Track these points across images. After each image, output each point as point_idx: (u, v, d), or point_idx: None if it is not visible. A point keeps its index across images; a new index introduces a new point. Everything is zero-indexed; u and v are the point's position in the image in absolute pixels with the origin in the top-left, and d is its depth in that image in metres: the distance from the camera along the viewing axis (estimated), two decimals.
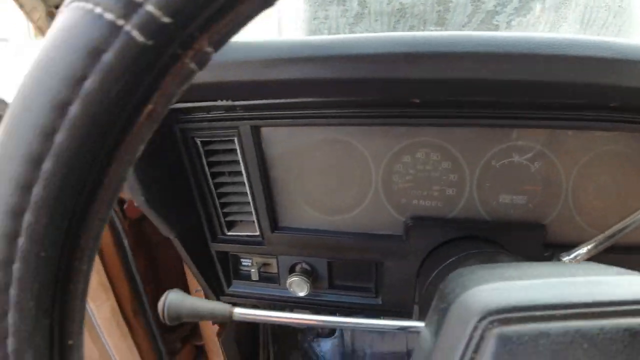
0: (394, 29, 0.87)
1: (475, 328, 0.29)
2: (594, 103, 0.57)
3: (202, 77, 0.55)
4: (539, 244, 0.69)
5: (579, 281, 0.31)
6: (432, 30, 0.82)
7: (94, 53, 0.19)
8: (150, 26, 0.19)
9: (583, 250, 0.58)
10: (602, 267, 0.36)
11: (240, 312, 0.59)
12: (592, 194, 0.67)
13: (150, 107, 0.21)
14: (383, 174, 0.71)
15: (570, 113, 0.60)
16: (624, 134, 0.63)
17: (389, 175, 0.71)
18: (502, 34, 0.53)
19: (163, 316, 0.58)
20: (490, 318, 0.28)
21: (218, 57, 0.54)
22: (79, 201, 0.21)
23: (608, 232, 0.57)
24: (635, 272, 0.34)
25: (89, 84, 0.19)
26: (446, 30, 0.84)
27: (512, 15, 0.79)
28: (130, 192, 0.68)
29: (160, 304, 0.58)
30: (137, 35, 0.19)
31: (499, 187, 0.69)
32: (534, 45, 0.50)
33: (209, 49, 0.21)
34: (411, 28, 0.84)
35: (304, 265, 0.83)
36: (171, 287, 0.62)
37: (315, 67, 0.54)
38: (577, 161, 0.66)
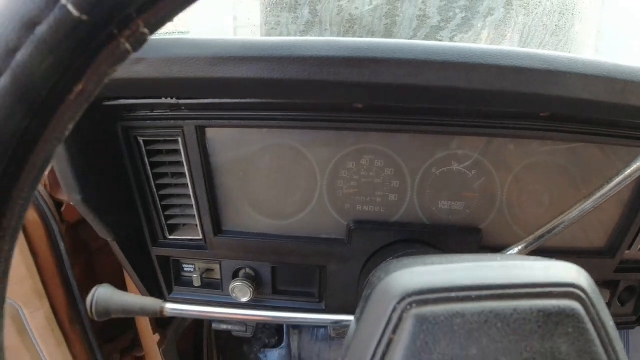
0: None
1: (394, 309, 0.31)
2: (526, 112, 0.62)
3: (146, 72, 0.55)
4: (474, 246, 0.74)
5: (493, 265, 0.33)
6: None
7: (28, 24, 0.19)
8: (86, 1, 0.19)
9: (513, 251, 0.62)
10: (519, 257, 0.39)
11: (171, 307, 0.57)
12: (525, 200, 0.73)
13: (81, 84, 0.21)
14: (328, 179, 0.73)
15: (505, 122, 0.65)
16: (555, 146, 0.69)
17: (333, 181, 0.73)
18: (441, 43, 0.56)
19: (91, 311, 0.55)
20: (409, 299, 0.30)
21: (164, 52, 0.54)
22: (1, 180, 0.21)
23: (537, 233, 0.62)
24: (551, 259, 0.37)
25: (20, 55, 0.19)
26: None
27: (454, 32, 0.85)
28: (67, 189, 0.65)
29: (88, 299, 0.56)
30: (72, 9, 0.19)
31: (438, 193, 0.73)
32: (471, 54, 0.54)
33: (145, 31, 0.22)
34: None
35: (248, 270, 0.83)
36: None
37: (259, 66, 0.55)
38: (512, 169, 0.71)
